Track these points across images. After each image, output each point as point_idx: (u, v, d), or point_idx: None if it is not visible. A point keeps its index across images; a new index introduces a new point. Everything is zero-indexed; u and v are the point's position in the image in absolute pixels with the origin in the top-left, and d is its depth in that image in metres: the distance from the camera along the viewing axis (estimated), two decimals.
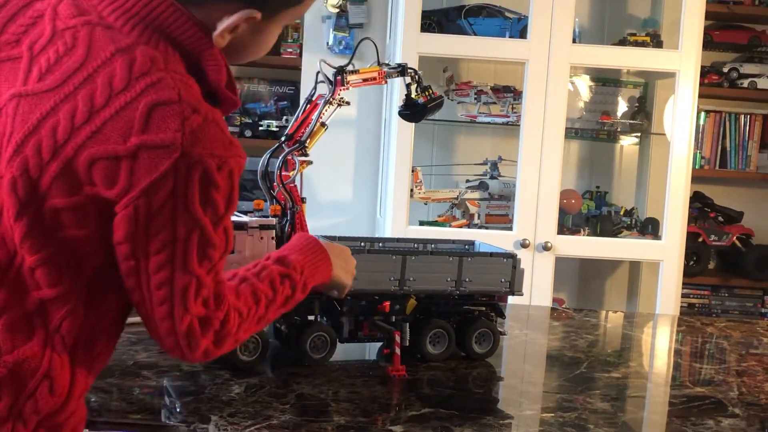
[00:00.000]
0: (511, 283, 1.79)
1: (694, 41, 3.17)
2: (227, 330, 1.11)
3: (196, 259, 1.03)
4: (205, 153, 0.99)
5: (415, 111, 1.89)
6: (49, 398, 1.05)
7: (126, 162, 0.98)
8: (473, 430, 1.37)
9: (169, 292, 1.03)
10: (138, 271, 1.02)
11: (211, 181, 1.00)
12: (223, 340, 1.10)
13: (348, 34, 3.50)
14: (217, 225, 1.03)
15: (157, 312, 1.04)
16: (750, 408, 1.59)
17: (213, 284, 1.06)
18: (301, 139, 1.71)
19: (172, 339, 1.06)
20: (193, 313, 1.05)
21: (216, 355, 1.11)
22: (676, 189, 3.22)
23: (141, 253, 1.01)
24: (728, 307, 3.79)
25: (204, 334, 1.07)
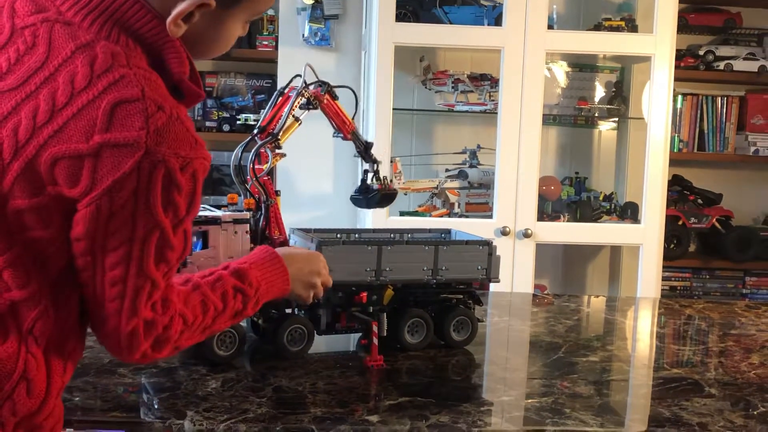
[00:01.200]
0: (487, 270, 1.79)
1: (669, 25, 3.18)
2: (168, 335, 1.10)
3: (153, 261, 1.02)
4: (169, 152, 0.98)
5: (368, 197, 1.88)
6: (27, 400, 1.04)
7: (89, 161, 0.97)
8: (450, 417, 1.37)
9: (122, 290, 1.03)
10: (94, 266, 1.02)
11: (173, 181, 0.99)
12: (162, 345, 1.10)
13: (323, 26, 3.49)
14: (176, 227, 1.03)
15: (106, 308, 1.04)
16: (726, 388, 1.60)
17: (164, 288, 1.06)
18: (274, 131, 1.70)
19: (114, 338, 1.06)
20: (141, 316, 1.04)
21: (152, 359, 1.11)
22: (654, 173, 3.23)
23: (98, 250, 1.01)
24: (709, 289, 3.81)
25: (146, 338, 1.07)
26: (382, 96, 3.11)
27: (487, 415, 1.42)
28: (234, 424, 1.30)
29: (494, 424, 1.38)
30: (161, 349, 1.10)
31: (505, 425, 1.37)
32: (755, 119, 3.74)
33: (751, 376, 1.69)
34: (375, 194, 1.87)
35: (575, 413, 1.41)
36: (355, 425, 1.32)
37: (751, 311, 2.35)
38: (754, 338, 2.02)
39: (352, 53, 3.55)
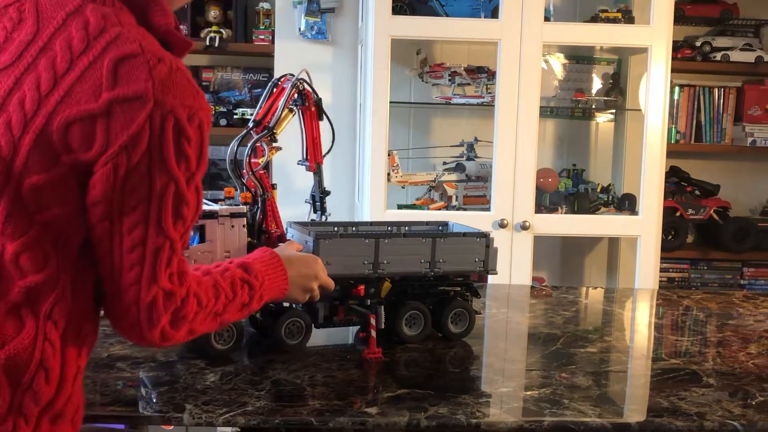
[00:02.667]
0: (485, 262, 1.80)
1: (666, 16, 3.18)
2: (185, 312, 1.11)
3: (171, 218, 1.03)
4: (176, 103, 1.00)
5: None
6: (46, 388, 1.05)
7: (101, 120, 0.98)
8: (449, 408, 1.37)
9: (141, 254, 1.03)
10: (111, 233, 1.03)
11: (183, 133, 1.01)
12: (179, 323, 1.11)
13: (320, 19, 3.48)
14: (189, 181, 1.04)
15: (125, 279, 1.04)
16: (724, 378, 1.60)
17: (180, 256, 1.07)
18: (270, 125, 1.70)
19: (133, 313, 1.06)
20: (161, 284, 1.05)
21: (170, 341, 1.12)
22: (652, 164, 3.23)
23: (116, 213, 1.01)
24: (707, 280, 3.82)
25: (166, 309, 1.07)
26: (378, 89, 3.11)
27: (486, 407, 1.42)
28: (233, 417, 1.30)
29: (492, 415, 1.38)
30: (179, 327, 1.11)
31: (503, 416, 1.37)
32: (752, 110, 3.74)
33: (749, 366, 1.69)
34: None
35: (573, 404, 1.42)
36: (353, 417, 1.33)
37: (749, 302, 2.35)
38: (751, 328, 2.03)
39: (349, 47, 3.55)
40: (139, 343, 1.13)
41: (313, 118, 1.77)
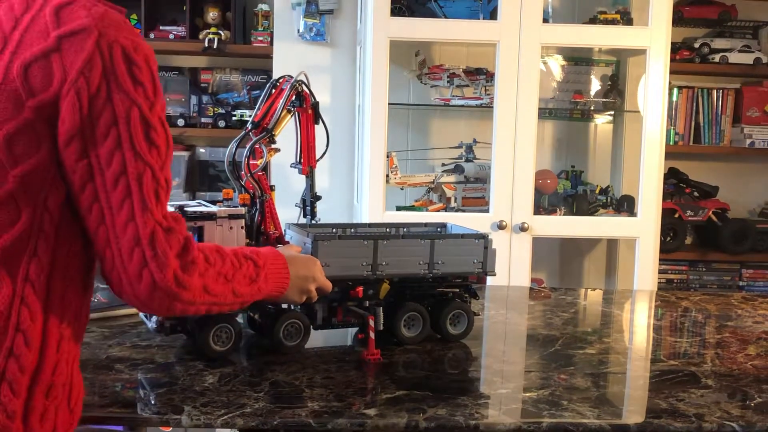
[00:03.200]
0: (483, 263, 1.80)
1: (664, 17, 3.18)
2: (193, 257, 1.15)
3: (144, 142, 1.09)
4: (118, 34, 1.09)
5: None
6: (27, 351, 1.07)
7: (54, 55, 1.06)
8: (447, 410, 1.37)
9: (126, 185, 1.08)
10: (92, 174, 1.07)
11: (132, 60, 1.09)
12: (190, 268, 1.14)
13: (318, 21, 3.48)
14: (151, 108, 1.10)
15: (119, 219, 1.08)
16: (723, 379, 1.60)
17: (166, 187, 1.12)
18: (268, 127, 1.70)
19: (139, 256, 1.09)
20: (155, 216, 1.09)
21: (186, 289, 1.14)
22: (650, 166, 3.23)
23: (90, 145, 1.07)
24: (706, 282, 3.82)
25: (170, 245, 1.10)
26: (377, 91, 3.11)
27: (484, 408, 1.42)
28: (231, 419, 1.30)
29: (491, 416, 1.38)
30: (191, 272, 1.14)
31: (502, 418, 1.37)
32: (751, 111, 3.74)
33: (748, 367, 1.69)
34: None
35: (572, 405, 1.41)
36: (352, 419, 1.32)
37: (747, 303, 2.35)
38: (750, 330, 2.03)
39: (348, 48, 3.55)
40: (155, 300, 1.13)
41: (309, 121, 1.76)
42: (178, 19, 3.66)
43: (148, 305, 1.14)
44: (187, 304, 1.17)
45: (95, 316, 1.88)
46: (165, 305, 1.15)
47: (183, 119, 3.65)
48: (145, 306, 1.15)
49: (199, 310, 1.22)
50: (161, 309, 1.16)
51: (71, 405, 1.15)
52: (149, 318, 1.61)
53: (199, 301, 1.18)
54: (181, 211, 1.57)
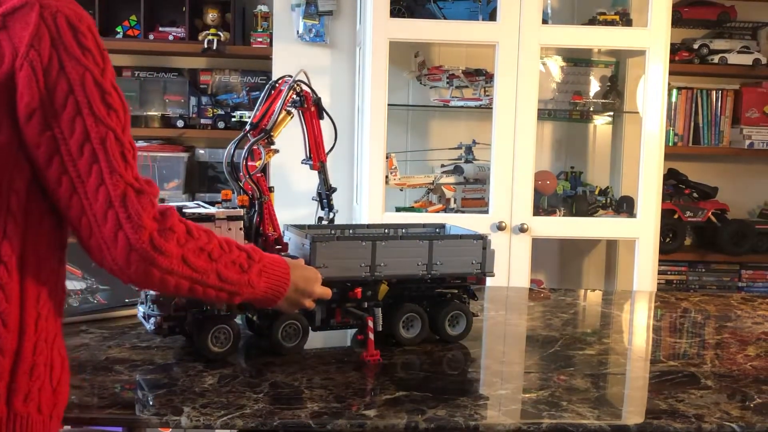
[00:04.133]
0: (482, 264, 1.79)
1: (663, 18, 3.18)
2: (171, 224, 1.16)
3: (102, 106, 1.10)
4: (59, 4, 1.10)
5: None
6: (6, 333, 1.08)
7: (2, 34, 1.08)
8: (447, 411, 1.37)
9: (92, 150, 1.09)
10: (57, 145, 1.08)
11: (77, 29, 1.11)
12: (167, 234, 1.15)
13: (318, 22, 3.48)
14: (103, 74, 1.12)
15: (89, 186, 1.09)
16: (722, 380, 1.60)
17: (131, 150, 1.13)
18: (267, 128, 1.70)
19: (112, 217, 1.10)
20: (125, 178, 1.11)
21: (162, 253, 1.14)
22: (649, 166, 3.23)
23: (51, 116, 1.08)
24: (705, 283, 3.82)
25: (143, 206, 1.12)
26: (376, 92, 3.11)
27: (484, 409, 1.42)
28: (231, 420, 1.30)
29: (491, 417, 1.38)
30: (167, 238, 1.15)
31: (501, 418, 1.37)
32: (750, 112, 3.74)
33: (747, 368, 1.69)
34: None
35: (572, 406, 1.41)
36: (351, 420, 1.32)
37: (746, 304, 2.35)
38: (749, 330, 2.03)
39: (347, 49, 3.55)
40: (132, 264, 1.13)
41: (314, 117, 1.77)
42: (177, 20, 3.66)
43: (126, 271, 1.14)
44: (165, 272, 1.17)
45: (94, 317, 1.88)
46: (142, 270, 1.14)
47: (182, 120, 3.65)
48: (123, 272, 1.14)
49: (181, 285, 1.21)
50: (138, 274, 1.15)
51: (54, 384, 1.16)
52: (148, 320, 1.61)
53: (177, 271, 1.18)
54: (180, 213, 1.56)
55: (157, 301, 1.57)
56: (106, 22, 3.56)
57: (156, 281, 1.17)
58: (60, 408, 1.18)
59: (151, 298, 1.58)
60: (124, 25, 3.55)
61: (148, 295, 1.58)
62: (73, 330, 1.79)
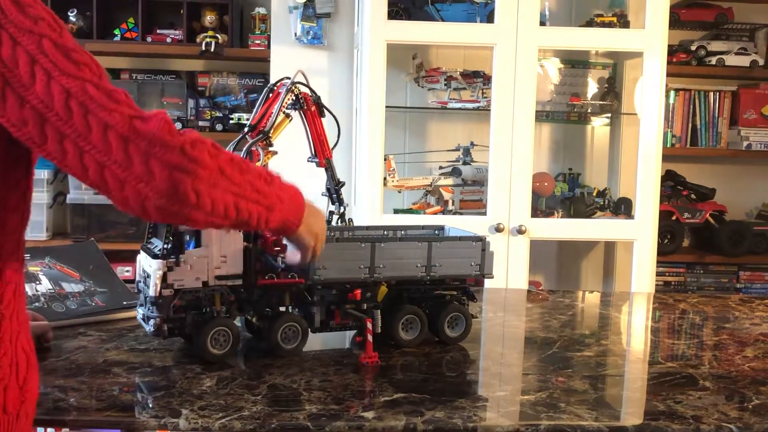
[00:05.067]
0: (481, 266, 1.79)
1: (661, 20, 3.19)
2: (195, 135, 1.10)
3: (71, 64, 1.06)
4: None
5: None
6: None
7: None
8: (445, 413, 1.37)
9: (79, 105, 1.04)
10: (41, 113, 1.04)
11: (19, 2, 1.06)
12: (197, 144, 1.09)
13: (316, 24, 3.48)
14: (61, 34, 1.08)
15: (95, 139, 1.04)
16: (720, 381, 1.60)
17: (126, 94, 1.09)
18: (265, 129, 1.70)
19: (134, 149, 1.05)
20: (125, 112, 1.06)
21: (197, 163, 1.08)
22: (647, 168, 3.24)
23: (23, 90, 1.04)
24: (704, 284, 3.82)
25: (157, 126, 1.06)
26: (374, 94, 3.11)
27: (482, 411, 1.41)
28: (229, 422, 1.30)
29: (489, 419, 1.38)
30: (200, 149, 1.09)
31: (500, 420, 1.37)
32: (747, 114, 3.75)
33: (745, 369, 1.69)
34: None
35: (570, 408, 1.41)
36: (350, 422, 1.32)
37: (744, 305, 2.35)
38: (747, 332, 2.03)
39: (345, 51, 3.56)
40: (178, 187, 1.07)
41: (315, 116, 1.78)
42: (175, 22, 3.66)
43: (173, 198, 1.07)
44: (209, 185, 1.10)
45: (93, 319, 1.88)
46: (188, 187, 1.08)
47: (180, 122, 3.65)
48: (172, 202, 1.07)
49: (227, 201, 1.15)
50: (187, 196, 1.08)
51: (20, 382, 1.16)
52: (147, 321, 1.61)
53: (220, 183, 1.12)
54: None
55: (157, 302, 1.57)
56: (104, 25, 3.56)
57: (205, 197, 1.10)
58: (28, 406, 1.18)
59: (151, 300, 1.58)
60: (121, 28, 3.55)
61: (148, 297, 1.58)
62: (71, 332, 1.79)
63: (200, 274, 1.58)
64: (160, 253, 1.56)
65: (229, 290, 1.62)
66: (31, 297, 1.86)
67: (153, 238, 1.66)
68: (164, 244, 1.55)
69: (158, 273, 1.54)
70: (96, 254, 2.06)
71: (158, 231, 1.65)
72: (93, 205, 3.65)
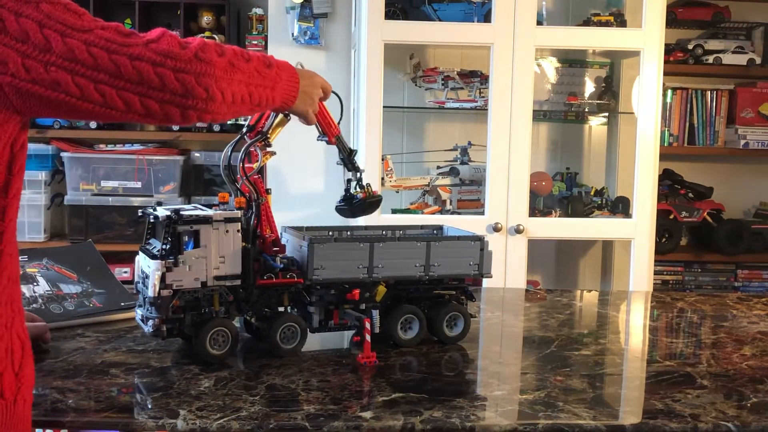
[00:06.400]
0: (479, 265, 1.80)
1: (658, 19, 3.19)
2: (200, 40, 1.23)
3: (75, 18, 1.13)
4: None
5: (353, 206, 1.86)
6: None
7: None
8: (444, 412, 1.37)
9: (100, 49, 1.12)
10: (66, 68, 1.11)
11: None
12: (205, 47, 1.23)
13: (313, 24, 3.48)
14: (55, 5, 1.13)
15: (126, 70, 1.14)
16: (718, 379, 1.60)
17: (129, 30, 1.18)
18: (263, 129, 1.70)
19: (162, 71, 1.17)
20: (140, 40, 1.16)
21: (214, 65, 1.22)
22: (645, 167, 3.24)
23: (44, 54, 1.10)
24: (702, 283, 3.83)
25: (170, 45, 1.17)
26: (372, 94, 3.11)
27: (481, 410, 1.42)
28: (227, 423, 1.30)
29: (488, 418, 1.38)
30: (210, 51, 1.23)
31: (498, 419, 1.37)
32: (745, 112, 3.75)
33: (743, 367, 1.69)
34: (360, 203, 1.86)
35: (568, 407, 1.42)
36: (348, 422, 1.32)
37: (742, 303, 2.36)
38: (745, 330, 2.03)
39: (342, 51, 3.56)
40: (209, 89, 1.21)
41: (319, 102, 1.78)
42: (172, 23, 3.66)
43: (203, 96, 1.21)
44: (225, 80, 1.25)
45: (91, 321, 1.88)
46: (211, 87, 1.21)
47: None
48: (201, 99, 1.21)
49: (242, 91, 1.30)
50: (210, 92, 1.22)
51: (15, 368, 1.17)
52: (146, 322, 1.61)
53: (233, 76, 1.27)
54: (177, 215, 1.57)
55: (155, 303, 1.57)
56: None
57: (227, 94, 1.25)
58: (25, 391, 1.19)
59: (150, 300, 1.58)
60: None
61: (147, 297, 1.58)
62: (69, 333, 1.79)
63: (199, 275, 1.58)
64: (158, 253, 1.56)
65: (227, 290, 1.62)
66: (28, 298, 1.86)
67: (152, 239, 1.66)
68: (163, 244, 1.56)
69: (157, 273, 1.54)
70: (93, 255, 2.06)
71: (157, 232, 1.65)
72: (90, 207, 3.65)
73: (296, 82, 1.53)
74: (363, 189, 1.86)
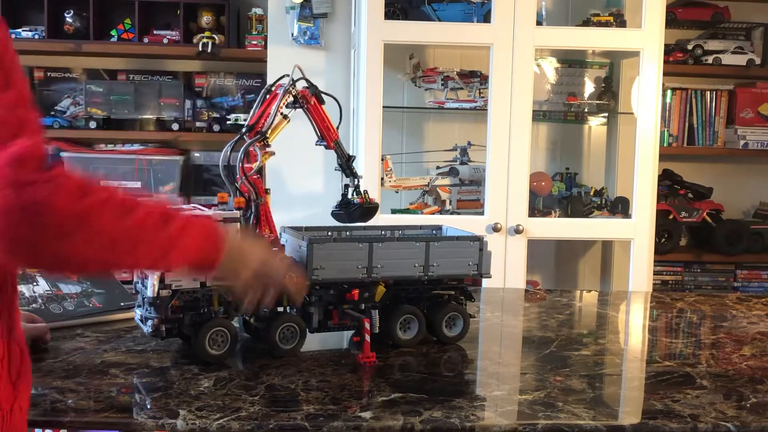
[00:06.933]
0: (479, 265, 1.80)
1: (657, 19, 3.19)
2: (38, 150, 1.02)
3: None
4: None
5: (349, 212, 1.85)
6: None
7: None
8: (443, 412, 1.37)
9: None
10: None
11: None
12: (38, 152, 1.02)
13: (312, 24, 3.48)
14: None
15: None
16: (718, 380, 1.60)
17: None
18: (262, 129, 1.70)
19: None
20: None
21: (37, 174, 1.00)
22: (644, 167, 3.24)
23: None
24: (701, 283, 3.83)
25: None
26: (371, 94, 3.11)
27: (480, 410, 1.42)
28: (227, 423, 1.30)
29: (487, 418, 1.38)
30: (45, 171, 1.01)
31: (497, 420, 1.37)
32: (744, 113, 3.75)
33: (743, 367, 1.69)
34: (356, 209, 1.86)
35: (568, 407, 1.42)
36: (348, 422, 1.32)
37: (742, 304, 2.36)
38: (745, 330, 2.03)
39: (342, 52, 3.55)
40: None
41: (317, 107, 1.78)
42: (172, 23, 3.65)
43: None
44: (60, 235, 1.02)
45: (90, 321, 1.88)
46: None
47: (177, 123, 3.65)
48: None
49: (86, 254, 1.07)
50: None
51: (12, 377, 1.15)
52: (145, 322, 1.61)
53: (78, 232, 1.03)
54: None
55: (154, 303, 1.56)
56: (101, 26, 3.56)
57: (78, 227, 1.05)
58: (22, 401, 1.18)
59: (149, 300, 1.58)
60: (118, 29, 3.54)
61: (146, 297, 1.58)
62: (68, 333, 1.79)
63: None
64: None
65: (226, 290, 1.62)
66: (28, 298, 1.86)
67: None
68: None
69: (156, 273, 1.54)
70: None
71: None
72: None
73: (216, 243, 1.26)
74: (360, 195, 1.87)
